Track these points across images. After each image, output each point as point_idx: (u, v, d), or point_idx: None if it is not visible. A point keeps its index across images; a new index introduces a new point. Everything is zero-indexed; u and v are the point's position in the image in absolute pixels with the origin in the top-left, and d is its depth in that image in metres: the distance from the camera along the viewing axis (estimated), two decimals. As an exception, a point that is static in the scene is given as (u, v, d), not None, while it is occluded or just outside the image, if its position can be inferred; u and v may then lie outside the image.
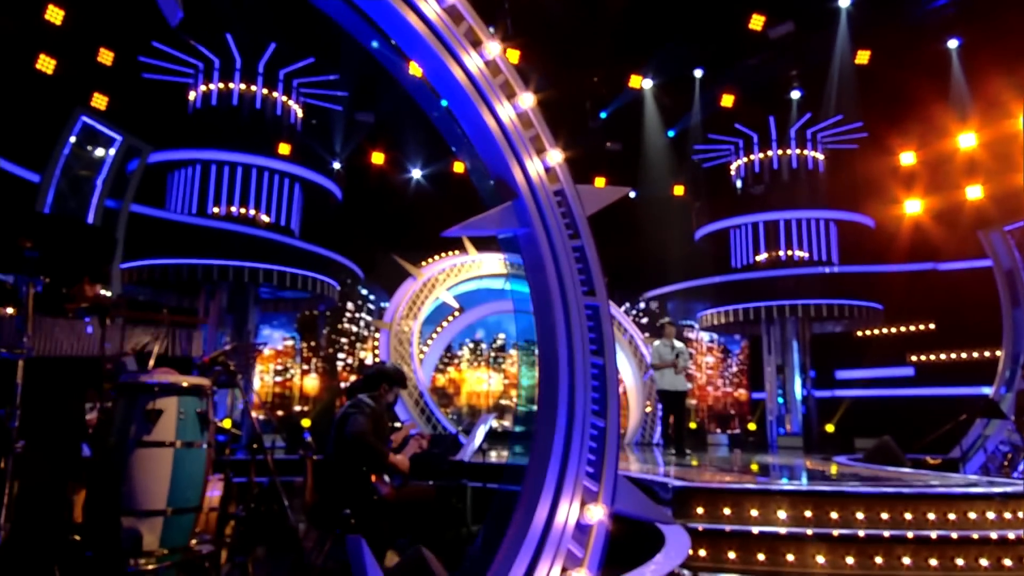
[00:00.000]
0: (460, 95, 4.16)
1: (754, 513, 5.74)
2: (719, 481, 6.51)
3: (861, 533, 5.53)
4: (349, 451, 4.96)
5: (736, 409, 19.20)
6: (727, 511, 5.79)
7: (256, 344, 10.49)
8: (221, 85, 14.70)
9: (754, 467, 9.38)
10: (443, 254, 16.00)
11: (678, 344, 10.93)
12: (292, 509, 5.47)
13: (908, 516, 5.73)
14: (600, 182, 19.26)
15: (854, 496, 5.87)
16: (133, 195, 11.05)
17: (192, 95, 14.88)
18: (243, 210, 14.48)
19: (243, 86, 14.68)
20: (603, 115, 18.27)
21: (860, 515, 5.73)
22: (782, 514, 5.70)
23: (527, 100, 4.31)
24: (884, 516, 5.73)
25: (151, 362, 5.12)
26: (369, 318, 17.22)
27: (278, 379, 16.58)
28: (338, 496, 4.96)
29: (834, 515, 5.73)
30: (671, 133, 18.88)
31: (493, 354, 18.72)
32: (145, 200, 13.01)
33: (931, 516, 5.75)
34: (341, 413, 5.23)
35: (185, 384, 4.44)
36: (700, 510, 5.85)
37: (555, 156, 4.34)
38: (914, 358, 16.80)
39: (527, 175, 4.24)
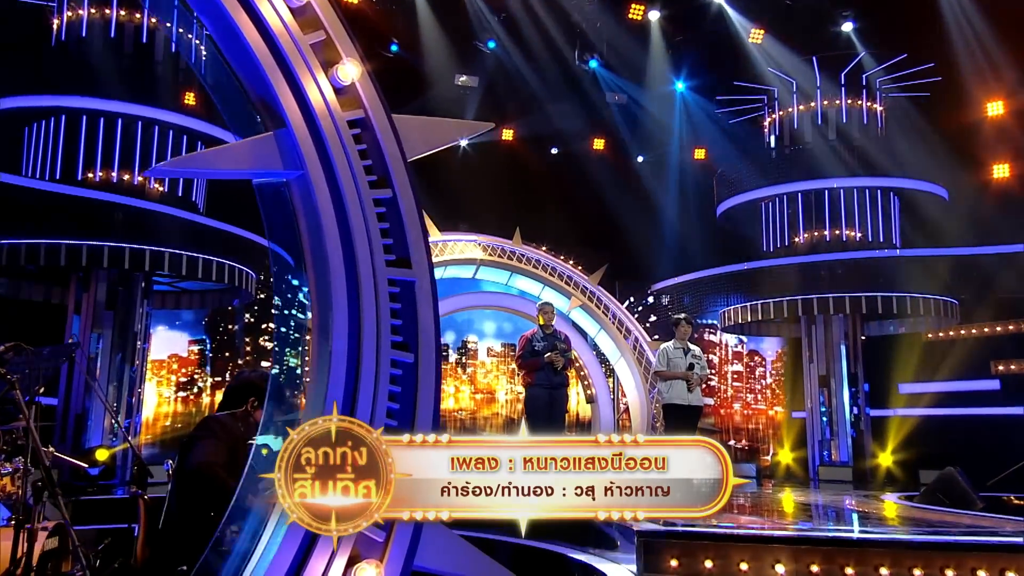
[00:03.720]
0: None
1: (744, 567, 5.59)
2: (704, 524, 6.14)
3: (884, 595, 5.28)
4: (190, 487, 4.70)
5: (771, 431, 18.73)
6: (709, 564, 5.64)
7: (62, 348, 9.82)
8: (93, 11, 14.10)
9: (787, 505, 9.25)
10: None
11: (694, 348, 10.56)
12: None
13: (950, 573, 5.37)
14: (599, 144, 18.98)
15: (878, 545, 5.63)
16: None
17: (55, 23, 14.28)
18: (126, 176, 13.90)
19: (123, 13, 14.09)
20: (593, 63, 17.86)
21: (884, 571, 5.46)
22: (780, 568, 5.55)
23: (305, -17, 3.67)
24: (917, 573, 5.39)
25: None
26: (301, 316, 16.68)
27: (182, 394, 16.16)
28: (175, 548, 4.65)
29: (849, 571, 5.47)
30: (680, 85, 18.48)
31: (460, 359, 18.22)
32: (-11, 161, 12.58)
33: (981, 574, 5.33)
34: (187, 437, 5.02)
35: (-91, 401, 4.00)
36: (674, 562, 5.70)
37: (351, 70, 3.89)
38: (1000, 368, 16.43)
39: (303, 97, 3.84)
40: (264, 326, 16.97)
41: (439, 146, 4.25)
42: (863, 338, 17.01)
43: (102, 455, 12.62)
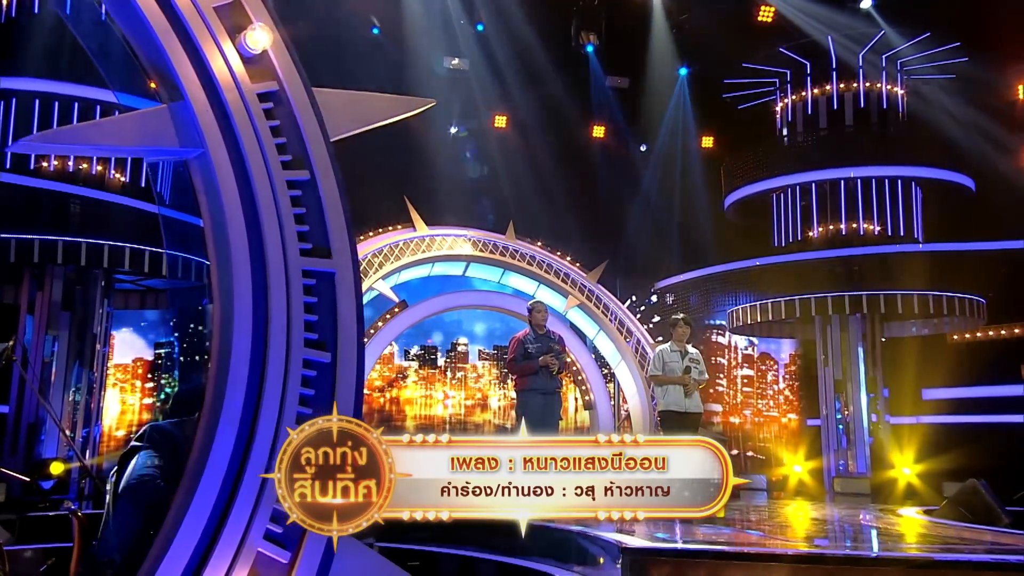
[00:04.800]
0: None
1: (740, 586, 5.61)
2: (698, 541, 6.38)
3: (892, 618, 5.40)
4: (128, 505, 4.56)
5: (784, 440, 18.51)
6: (703, 584, 5.65)
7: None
8: (47, -14, 13.97)
9: (795, 520, 9.20)
10: (379, 230, 15.60)
11: (692, 350, 10.65)
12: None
13: (962, 594, 5.38)
14: (599, 131, 18.86)
15: (885, 563, 5.67)
16: None
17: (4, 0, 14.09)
18: (84, 165, 13.74)
19: (81, -11, 13.94)
20: (589, 48, 17.84)
21: (892, 591, 5.45)
22: (780, 588, 5.54)
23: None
24: (926, 593, 5.43)
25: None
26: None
27: (148, 401, 15.96)
28: (112, 572, 4.58)
29: (854, 590, 5.44)
30: (685, 68, 18.47)
31: (449, 362, 18.01)
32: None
33: (998, 595, 5.40)
34: (127, 449, 4.90)
35: None
36: (664, 583, 5.66)
37: (261, 37, 3.74)
38: (1032, 371, 16.33)
39: (204, 65, 3.71)
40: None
41: (369, 124, 4.12)
42: (882, 340, 16.80)
43: (56, 468, 12.38)
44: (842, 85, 17.23)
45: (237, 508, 3.51)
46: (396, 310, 15.61)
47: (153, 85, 3.97)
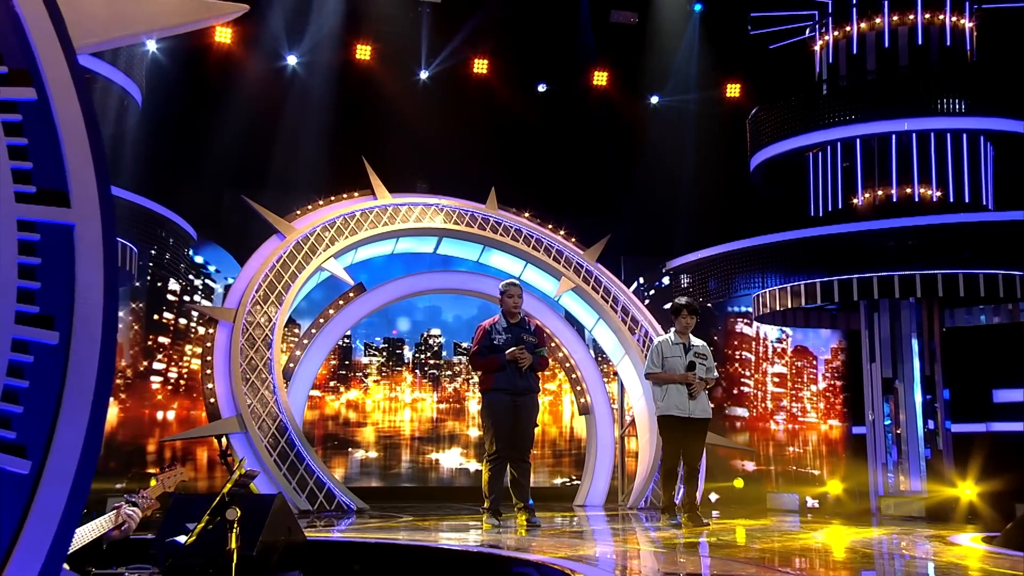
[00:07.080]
0: None
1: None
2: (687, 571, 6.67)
3: None
4: None
5: (823, 452, 18.57)
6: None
7: None
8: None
9: (818, 548, 9.37)
10: (331, 198, 15.27)
11: (697, 342, 10.61)
12: None
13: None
14: (601, 78, 18.79)
15: None
16: None
17: None
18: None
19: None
20: None
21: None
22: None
23: None
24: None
25: None
26: (207, 303, 16.16)
27: None
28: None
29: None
30: (697, 7, 18.61)
31: (419, 357, 17.66)
32: None
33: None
34: None
35: None
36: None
37: None
38: None
39: None
40: (155, 317, 16.35)
41: (142, 32, 3.67)
42: (943, 330, 16.61)
43: None
44: (895, 17, 16.95)
45: None
46: (351, 295, 15.19)
47: None
